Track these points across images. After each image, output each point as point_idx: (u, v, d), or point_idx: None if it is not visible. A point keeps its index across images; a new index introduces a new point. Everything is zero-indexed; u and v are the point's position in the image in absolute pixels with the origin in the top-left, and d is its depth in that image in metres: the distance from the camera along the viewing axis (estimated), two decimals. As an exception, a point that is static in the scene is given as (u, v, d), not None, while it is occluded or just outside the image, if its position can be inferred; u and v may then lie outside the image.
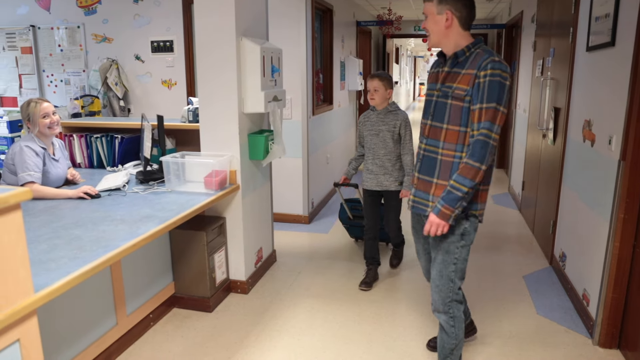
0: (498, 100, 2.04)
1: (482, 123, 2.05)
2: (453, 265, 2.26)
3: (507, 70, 2.07)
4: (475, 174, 2.07)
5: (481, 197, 2.22)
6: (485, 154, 2.06)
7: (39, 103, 2.97)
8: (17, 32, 5.79)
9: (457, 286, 2.29)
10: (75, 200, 2.85)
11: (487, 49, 2.15)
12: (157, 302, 3.15)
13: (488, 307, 3.32)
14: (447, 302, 2.30)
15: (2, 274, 1.50)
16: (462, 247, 2.24)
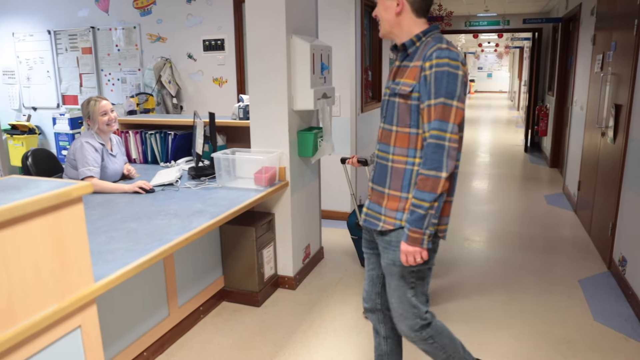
0: (447, 94, 1.74)
1: (432, 123, 1.76)
2: (411, 290, 1.96)
3: (456, 57, 1.77)
4: (433, 185, 1.76)
5: (445, 210, 1.88)
6: (440, 159, 1.75)
7: (98, 101, 3.09)
8: (78, 34, 6.05)
9: (422, 311, 1.99)
10: (131, 195, 2.95)
11: (438, 36, 1.85)
12: (207, 295, 3.22)
13: (541, 311, 3.22)
14: (416, 329, 2.00)
15: (66, 263, 1.57)
16: (419, 271, 1.94)
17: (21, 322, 1.43)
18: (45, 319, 1.50)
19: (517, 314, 3.20)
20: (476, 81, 27.44)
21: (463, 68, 1.78)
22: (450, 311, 3.25)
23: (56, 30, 6.17)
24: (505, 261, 4.07)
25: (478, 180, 7.09)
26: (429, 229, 1.79)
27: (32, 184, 1.58)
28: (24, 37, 6.37)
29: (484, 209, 5.59)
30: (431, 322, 2.02)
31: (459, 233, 4.80)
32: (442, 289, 3.58)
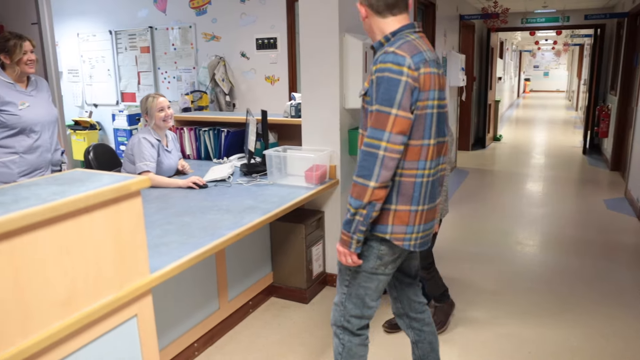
0: (384, 101, 1.67)
1: (369, 129, 1.71)
2: (345, 288, 1.95)
3: (401, 62, 1.67)
4: (360, 192, 1.71)
5: (395, 218, 1.81)
6: (371, 167, 1.68)
7: (156, 98, 3.19)
8: (137, 33, 6.27)
9: (349, 313, 1.95)
10: (185, 190, 3.03)
11: (401, 37, 1.76)
12: (256, 290, 3.27)
13: (597, 323, 3.08)
14: (339, 324, 1.99)
15: (124, 254, 1.63)
16: (356, 272, 1.90)
17: (82, 309, 1.50)
18: (104, 307, 1.56)
19: (571, 324, 3.07)
20: (532, 80, 26.57)
21: (411, 73, 1.68)
22: (498, 316, 3.16)
23: (117, 31, 6.41)
24: (559, 268, 3.92)
25: (532, 182, 6.87)
26: (357, 235, 1.77)
27: (94, 178, 1.65)
28: (87, 37, 6.66)
29: (538, 212, 5.41)
30: (354, 332, 1.98)
31: (511, 236, 4.67)
32: (491, 292, 3.49)
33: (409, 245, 1.85)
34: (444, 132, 1.89)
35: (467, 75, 8.29)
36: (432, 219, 1.93)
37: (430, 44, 1.88)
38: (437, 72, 1.80)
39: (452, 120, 7.45)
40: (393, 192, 1.79)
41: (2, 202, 1.38)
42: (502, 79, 13.61)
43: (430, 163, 1.81)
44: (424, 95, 1.72)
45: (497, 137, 10.57)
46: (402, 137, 1.69)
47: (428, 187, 1.83)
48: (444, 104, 1.85)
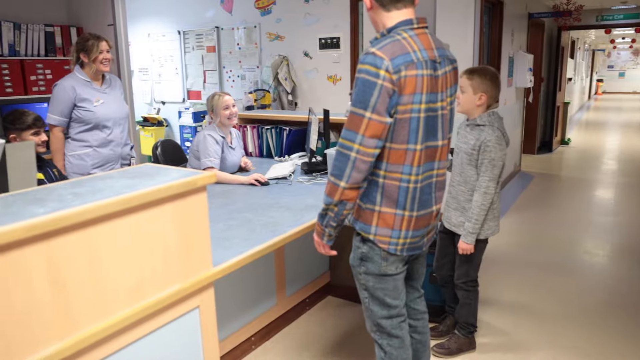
0: (358, 103, 1.63)
1: (343, 130, 1.68)
2: (364, 292, 1.94)
3: (378, 64, 1.60)
4: (331, 190, 1.71)
5: (379, 220, 1.78)
6: (343, 167, 1.66)
7: (222, 96, 3.28)
8: (204, 33, 6.46)
9: (377, 316, 1.93)
10: (247, 186, 3.09)
11: (391, 35, 1.68)
12: (313, 288, 3.29)
13: None
14: (374, 329, 1.98)
15: (189, 247, 1.68)
16: (366, 274, 1.89)
17: (149, 298, 1.56)
18: (169, 297, 1.62)
19: (647, 338, 2.89)
20: (605, 81, 25.22)
21: (388, 76, 1.60)
22: (566, 326, 3.03)
23: (185, 31, 6.63)
24: (632, 280, 3.70)
25: (603, 189, 6.52)
26: (328, 229, 1.80)
27: (163, 172, 1.71)
28: (157, 37, 6.94)
29: (609, 221, 5.13)
30: (391, 334, 1.94)
31: (578, 245, 4.46)
32: (554, 302, 3.34)
33: (395, 250, 1.81)
34: (440, 136, 1.79)
35: (535, 75, 7.98)
36: (426, 225, 1.86)
37: (432, 40, 1.76)
38: (430, 73, 1.69)
39: (517, 122, 7.20)
40: (377, 194, 1.77)
41: (80, 193, 1.46)
42: (573, 80, 13.01)
43: (417, 169, 1.73)
44: (406, 99, 1.64)
45: (565, 140, 10.11)
46: (375, 141, 1.65)
47: (416, 193, 1.77)
48: (438, 106, 1.74)
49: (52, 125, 3.15)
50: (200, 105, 6.59)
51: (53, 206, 1.33)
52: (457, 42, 4.51)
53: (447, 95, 1.79)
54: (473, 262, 2.70)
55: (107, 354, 1.47)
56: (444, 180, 1.89)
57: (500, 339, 2.94)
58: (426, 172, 1.78)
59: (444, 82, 1.76)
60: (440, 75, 1.74)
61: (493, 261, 4.05)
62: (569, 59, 10.89)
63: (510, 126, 6.68)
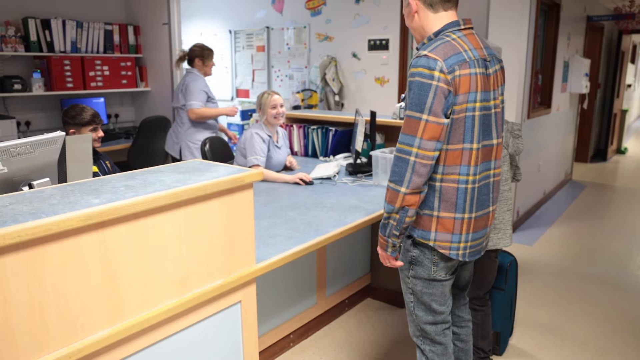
0: (415, 107, 1.62)
1: (400, 135, 1.68)
2: (410, 296, 1.91)
3: (432, 66, 1.60)
4: (391, 197, 1.69)
5: (438, 225, 1.76)
6: (402, 173, 1.66)
7: (271, 95, 3.32)
8: (254, 33, 6.56)
9: (421, 321, 1.91)
10: (292, 185, 3.12)
11: (441, 37, 1.68)
12: (353, 290, 3.29)
13: None
14: (417, 334, 1.96)
15: (234, 242, 1.72)
16: (415, 278, 1.86)
17: (194, 290, 1.60)
18: (213, 291, 1.66)
19: None
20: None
21: (443, 77, 1.60)
22: (616, 343, 2.90)
23: (236, 30, 6.75)
24: (692, 298, 3.51)
25: (662, 201, 6.21)
26: (391, 239, 1.76)
27: (212, 168, 1.75)
28: (209, 36, 7.09)
29: (668, 235, 4.88)
30: (435, 340, 1.93)
31: (631, 259, 4.26)
32: (603, 318, 3.21)
33: (457, 255, 1.79)
34: (495, 134, 1.78)
35: (591, 81, 7.69)
36: (485, 227, 1.84)
37: (480, 40, 1.78)
38: (482, 72, 1.70)
39: (571, 129, 6.95)
40: (435, 198, 1.75)
41: (132, 185, 1.51)
42: (632, 87, 12.45)
43: (475, 168, 1.72)
44: (462, 98, 1.65)
45: (621, 149, 9.69)
46: (434, 143, 1.64)
47: (474, 194, 1.75)
48: (492, 104, 1.75)
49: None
50: (249, 103, 6.69)
51: (107, 197, 1.39)
52: (510, 45, 4.40)
53: (499, 93, 1.80)
54: (477, 279, 2.53)
55: (152, 342, 1.52)
56: (499, 179, 1.89)
57: (536, 355, 2.85)
58: (483, 171, 1.77)
59: (495, 81, 1.77)
60: (492, 73, 1.75)
61: (536, 273, 3.93)
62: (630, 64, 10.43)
63: (562, 133, 6.47)
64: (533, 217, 5.38)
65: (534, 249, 4.42)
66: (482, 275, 2.55)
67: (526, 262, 4.11)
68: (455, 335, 2.07)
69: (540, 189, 5.72)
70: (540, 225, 5.07)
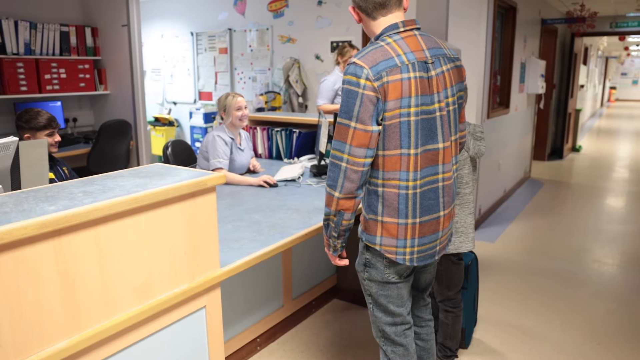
0: (343, 114, 1.62)
1: (333, 140, 1.67)
2: (369, 297, 1.92)
3: (358, 74, 1.59)
4: (328, 200, 1.71)
5: (383, 230, 1.74)
6: (335, 178, 1.66)
7: (235, 97, 3.30)
8: (216, 35, 6.50)
9: (381, 322, 1.91)
10: (256, 188, 3.10)
11: (381, 39, 1.66)
12: (319, 291, 3.30)
13: (686, 350, 2.85)
14: (378, 335, 1.96)
15: (198, 247, 1.69)
16: (370, 281, 1.86)
17: (156, 297, 1.57)
18: (176, 297, 1.63)
19: (655, 349, 2.87)
20: (618, 88, 25.01)
21: (369, 84, 1.58)
22: (574, 335, 3.00)
23: (198, 32, 6.68)
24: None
25: (613, 197, 6.46)
26: (332, 240, 1.81)
27: (174, 172, 1.73)
28: (170, 38, 6.99)
29: (619, 230, 5.08)
30: (395, 342, 1.93)
31: (587, 254, 4.42)
32: (561, 310, 3.32)
33: (404, 260, 1.76)
34: (440, 138, 1.72)
35: (547, 82, 7.94)
36: (434, 232, 1.79)
37: (423, 41, 1.70)
38: (421, 75, 1.64)
39: (528, 128, 7.16)
40: (379, 204, 1.74)
41: (90, 191, 1.47)
42: (585, 87, 12.92)
43: (415, 174, 1.68)
44: (392, 104, 1.61)
45: (576, 147, 10.04)
46: (364, 150, 1.62)
47: (416, 199, 1.71)
48: (435, 107, 1.68)
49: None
50: (211, 106, 6.63)
51: (64, 204, 1.35)
52: (469, 47, 4.50)
53: (447, 94, 1.73)
54: (445, 282, 2.59)
55: (113, 352, 1.48)
56: (452, 183, 1.82)
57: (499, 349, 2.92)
58: (428, 176, 1.72)
59: (440, 82, 1.70)
60: (435, 75, 1.69)
61: (498, 269, 4.03)
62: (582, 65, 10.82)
63: (520, 132, 6.65)
64: (494, 214, 5.51)
65: (496, 246, 4.53)
66: (449, 278, 2.59)
67: (488, 259, 4.20)
68: (416, 335, 2.07)
69: (501, 187, 5.87)
70: (501, 223, 5.20)
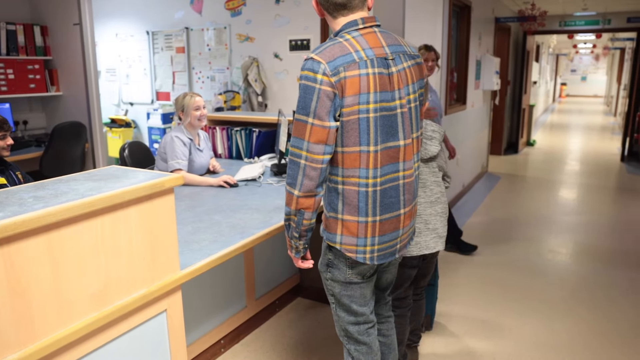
0: (300, 110, 1.60)
1: (292, 138, 1.66)
2: (331, 297, 1.90)
3: (315, 69, 1.57)
4: (288, 199, 1.69)
5: (343, 228, 1.73)
6: (295, 176, 1.64)
7: (193, 96, 3.25)
8: (173, 34, 6.38)
9: (344, 321, 1.91)
10: (216, 188, 3.07)
11: (340, 36, 1.66)
12: (283, 290, 3.29)
13: (634, 335, 2.99)
14: (342, 334, 1.96)
15: (156, 250, 1.66)
16: (332, 281, 1.85)
17: (115, 303, 1.54)
18: (135, 301, 1.60)
19: (605, 335, 2.99)
20: (568, 84, 25.95)
21: (326, 79, 1.57)
22: (526, 323, 3.10)
23: (154, 31, 6.54)
24: (594, 277, 3.82)
25: (566, 189, 6.71)
26: (293, 240, 1.78)
27: (130, 174, 1.69)
28: (125, 37, 6.82)
29: (572, 220, 5.28)
30: (358, 340, 1.92)
31: (543, 244, 4.57)
32: (519, 299, 3.42)
33: (364, 259, 1.74)
34: (401, 135, 1.70)
35: (502, 78, 8.16)
36: (394, 230, 1.77)
37: (383, 38, 1.69)
38: (380, 71, 1.62)
39: (484, 124, 7.34)
40: (339, 201, 1.72)
41: (42, 196, 1.43)
42: (538, 83, 13.35)
43: (375, 171, 1.66)
44: (350, 100, 1.59)
45: (530, 142, 10.36)
46: (322, 147, 1.61)
47: (377, 197, 1.69)
48: (396, 104, 1.66)
49: None
50: (170, 106, 6.51)
51: (13, 210, 1.30)
52: (425, 45, 4.57)
53: (409, 92, 1.71)
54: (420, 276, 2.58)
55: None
56: (413, 181, 1.80)
57: (460, 338, 2.99)
58: (389, 174, 1.70)
59: (401, 79, 1.68)
60: (396, 72, 1.67)
61: (457, 262, 4.12)
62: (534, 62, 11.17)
63: (477, 128, 6.81)
64: (454, 208, 5.63)
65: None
66: (424, 274, 2.58)
67: (448, 252, 4.29)
68: (378, 331, 2.07)
69: (460, 181, 6.00)
70: (461, 216, 5.31)
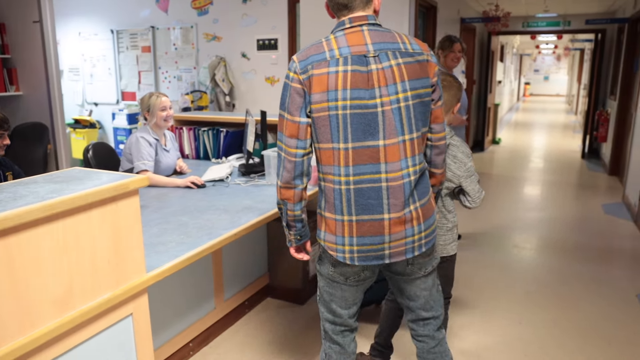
0: (280, 105, 1.72)
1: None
2: (318, 289, 1.90)
3: (290, 67, 1.69)
4: (276, 189, 1.78)
5: (326, 225, 1.73)
6: (278, 166, 1.74)
7: (159, 96, 3.20)
8: (138, 33, 6.28)
9: (322, 316, 1.91)
10: (183, 189, 3.04)
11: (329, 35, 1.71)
12: (252, 291, 3.28)
13: (596, 326, 3.09)
14: (322, 328, 1.95)
15: (121, 253, 1.64)
16: (319, 274, 1.86)
17: (79, 308, 1.51)
18: (100, 306, 1.57)
19: (570, 326, 3.08)
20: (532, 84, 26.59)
21: (296, 77, 1.65)
22: (498, 317, 3.18)
23: (119, 30, 6.42)
24: (558, 271, 3.93)
25: (530, 186, 6.88)
26: (285, 230, 1.87)
27: (93, 176, 1.66)
28: (89, 36, 6.68)
29: (536, 216, 5.42)
30: (334, 341, 1.91)
31: (508, 240, 4.68)
32: (486, 295, 3.50)
33: (344, 258, 1.70)
34: (382, 135, 1.63)
35: (467, 78, 8.31)
36: (377, 234, 1.67)
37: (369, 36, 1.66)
38: (355, 69, 1.61)
39: (451, 123, 7.46)
40: (322, 198, 1.75)
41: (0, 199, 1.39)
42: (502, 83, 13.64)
43: (347, 169, 1.64)
44: (318, 97, 1.62)
45: (496, 140, 10.58)
46: (295, 141, 1.68)
47: (350, 196, 1.66)
48: (376, 102, 1.61)
49: None
50: (135, 107, 6.40)
51: (-31, 214, 1.26)
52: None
53: (396, 90, 1.63)
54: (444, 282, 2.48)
55: (32, 367, 1.40)
56: (402, 185, 1.66)
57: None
58: (365, 174, 1.64)
59: (386, 76, 1.62)
60: (376, 69, 1.62)
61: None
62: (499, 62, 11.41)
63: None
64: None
65: (423, 237, 4.69)
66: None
67: (416, 250, 4.34)
68: (418, 350, 1.99)
69: (427, 180, 6.09)
70: (428, 215, 5.39)
